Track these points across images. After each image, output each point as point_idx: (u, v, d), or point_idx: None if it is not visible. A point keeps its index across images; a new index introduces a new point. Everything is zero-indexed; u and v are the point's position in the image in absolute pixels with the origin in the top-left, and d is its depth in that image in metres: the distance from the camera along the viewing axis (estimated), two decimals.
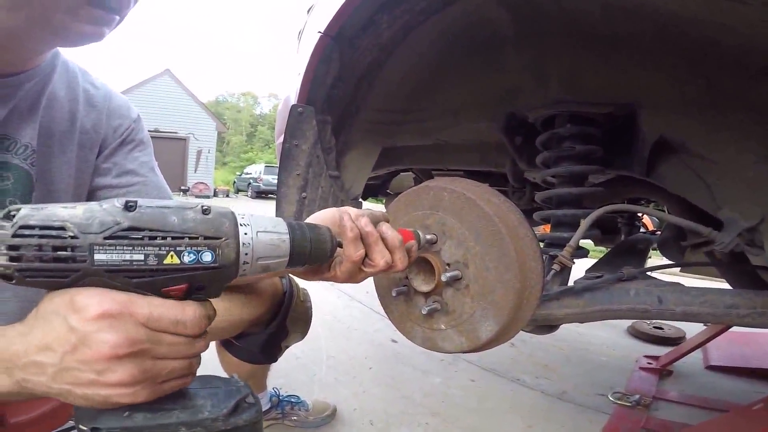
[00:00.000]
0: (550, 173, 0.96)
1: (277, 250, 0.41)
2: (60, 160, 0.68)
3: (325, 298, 2.79)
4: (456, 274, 0.60)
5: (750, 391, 1.77)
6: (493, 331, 0.59)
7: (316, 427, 1.39)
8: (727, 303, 0.72)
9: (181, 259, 0.36)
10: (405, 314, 0.68)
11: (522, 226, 0.61)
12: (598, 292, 0.78)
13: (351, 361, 1.91)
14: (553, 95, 0.96)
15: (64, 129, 0.68)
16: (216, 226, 0.37)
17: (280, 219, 0.43)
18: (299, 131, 1.00)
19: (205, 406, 0.41)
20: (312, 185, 1.01)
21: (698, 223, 0.80)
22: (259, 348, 1.04)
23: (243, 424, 0.42)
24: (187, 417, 0.39)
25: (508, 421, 1.48)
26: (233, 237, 0.38)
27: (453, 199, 0.62)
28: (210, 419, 0.40)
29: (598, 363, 2.08)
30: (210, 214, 0.37)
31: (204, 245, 0.36)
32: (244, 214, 0.40)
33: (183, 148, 17.49)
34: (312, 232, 0.45)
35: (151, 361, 0.37)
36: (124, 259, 0.34)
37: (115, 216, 0.34)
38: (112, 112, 0.75)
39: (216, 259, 0.37)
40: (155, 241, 0.35)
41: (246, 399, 0.44)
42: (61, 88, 0.68)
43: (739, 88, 0.75)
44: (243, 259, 0.39)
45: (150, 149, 0.81)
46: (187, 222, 0.36)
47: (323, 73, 0.99)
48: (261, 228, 0.40)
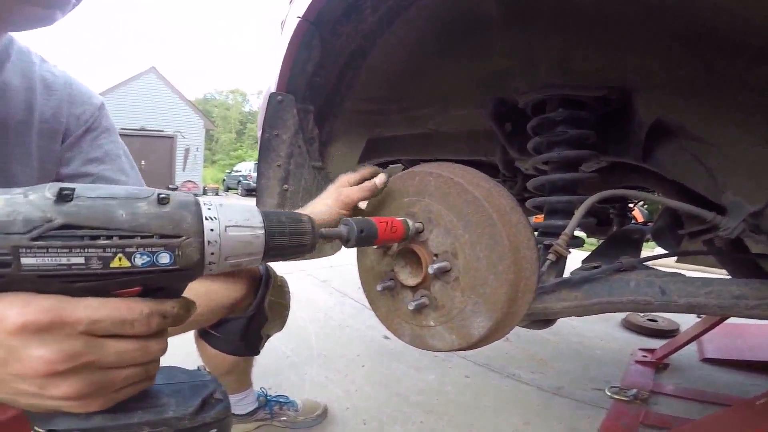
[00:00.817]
0: (543, 159, 0.92)
1: (249, 247, 0.36)
2: (19, 151, 0.65)
3: (316, 296, 2.74)
4: (444, 266, 0.55)
5: (746, 384, 1.77)
6: (485, 327, 0.53)
7: (307, 427, 1.35)
8: (735, 293, 0.68)
9: (132, 261, 0.30)
10: (392, 311, 0.63)
11: (514, 212, 0.56)
12: (596, 283, 0.74)
13: (343, 359, 1.87)
14: (543, 79, 0.92)
15: (20, 119, 0.65)
16: (175, 222, 0.31)
17: (254, 209, 0.37)
18: (279, 121, 0.95)
19: (170, 404, 0.38)
20: (294, 177, 0.96)
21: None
22: (239, 336, 1.02)
23: (210, 421, 0.39)
24: (150, 416, 0.36)
25: (505, 418, 1.46)
26: (196, 235, 0.32)
27: (439, 184, 0.57)
28: (175, 418, 0.37)
29: (593, 356, 2.06)
30: (168, 206, 0.31)
31: (160, 245, 0.30)
32: (211, 204, 0.34)
33: (170, 147, 17.35)
34: (291, 224, 0.39)
35: (100, 372, 0.32)
36: (60, 264, 0.28)
37: (45, 210, 0.28)
38: (74, 99, 0.73)
39: (175, 261, 0.31)
40: (98, 242, 0.29)
41: (214, 395, 0.41)
42: (15, 77, 0.65)
43: (738, 70, 0.71)
44: (209, 260, 0.33)
45: (116, 136, 0.79)
46: (139, 217, 0.30)
47: (304, 60, 0.95)
48: (231, 222, 0.34)
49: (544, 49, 0.89)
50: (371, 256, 0.66)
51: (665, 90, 0.83)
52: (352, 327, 2.26)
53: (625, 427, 1.36)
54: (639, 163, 0.88)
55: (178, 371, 0.43)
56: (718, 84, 0.75)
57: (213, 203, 0.34)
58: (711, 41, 0.70)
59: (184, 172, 17.44)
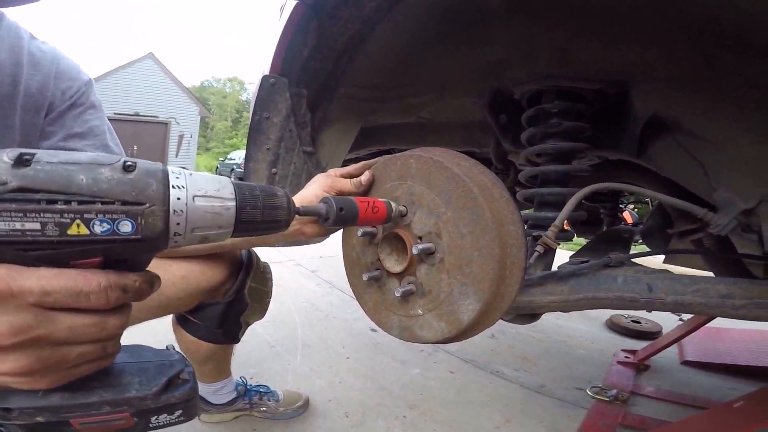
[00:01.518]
0: (536, 150, 0.91)
1: (218, 219, 0.33)
2: (1, 124, 0.65)
3: (303, 285, 2.72)
4: (428, 247, 0.54)
5: (724, 387, 1.79)
6: (474, 309, 0.52)
7: (288, 418, 1.32)
8: (722, 292, 0.68)
9: (90, 229, 0.28)
10: (379, 303, 0.62)
11: (496, 187, 0.55)
12: (583, 278, 0.73)
13: (328, 350, 1.85)
14: (542, 69, 0.91)
15: (4, 92, 0.65)
16: (139, 189, 0.29)
17: (226, 180, 0.35)
18: (271, 103, 0.93)
19: (133, 383, 0.36)
20: (284, 161, 0.94)
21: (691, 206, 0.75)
22: (217, 322, 0.99)
23: (175, 402, 0.38)
24: (111, 395, 0.35)
25: (487, 415, 1.45)
26: (161, 203, 0.30)
27: (420, 165, 0.57)
28: (137, 398, 0.36)
29: (576, 356, 2.07)
30: (133, 173, 0.29)
31: (121, 212, 0.28)
32: (180, 173, 0.32)
33: (164, 133, 17.23)
34: (265, 198, 0.37)
35: (50, 348, 0.30)
36: (14, 228, 0.26)
37: (1, 174, 0.26)
38: (61, 74, 0.73)
39: (138, 230, 0.29)
40: (55, 206, 0.27)
41: (180, 375, 0.39)
42: (2, 52, 0.65)
43: (740, 66, 0.71)
44: (174, 230, 0.31)
45: (102, 113, 0.78)
46: (100, 182, 0.28)
47: (299, 43, 0.93)
48: (199, 191, 0.32)
49: (546, 39, 0.88)
50: (356, 247, 0.65)
51: (664, 84, 0.82)
52: (338, 318, 2.24)
53: (604, 428, 1.36)
54: (633, 158, 0.87)
55: (145, 350, 0.41)
56: (718, 79, 0.74)
57: (183, 172, 0.32)
58: (714, 35, 0.70)
59: (177, 158, 17.33)
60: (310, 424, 1.32)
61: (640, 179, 1.04)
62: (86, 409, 0.34)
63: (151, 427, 0.39)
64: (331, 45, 0.96)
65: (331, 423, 1.33)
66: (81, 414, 0.34)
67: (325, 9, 0.89)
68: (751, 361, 1.93)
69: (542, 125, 0.91)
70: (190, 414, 0.41)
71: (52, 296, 0.29)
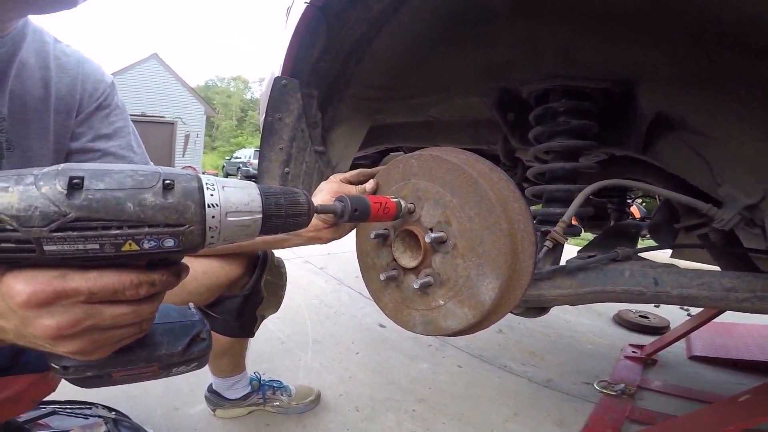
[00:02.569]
0: (544, 148, 0.93)
1: (246, 230, 0.38)
2: (36, 126, 0.68)
3: (313, 282, 2.75)
4: (440, 236, 0.56)
5: (731, 382, 1.79)
6: (495, 288, 0.53)
7: (300, 413, 1.35)
8: (726, 286, 0.69)
9: (140, 246, 0.33)
10: (399, 302, 0.64)
11: (494, 172, 0.58)
12: (591, 272, 0.75)
13: (337, 346, 1.88)
14: (548, 70, 0.92)
15: (37, 96, 0.68)
16: (180, 212, 0.33)
17: (255, 192, 0.38)
18: (283, 104, 0.96)
19: (163, 342, 0.45)
20: (296, 160, 0.96)
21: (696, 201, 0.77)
22: (234, 315, 1.03)
23: (194, 357, 0.47)
24: (145, 353, 0.44)
25: (495, 409, 1.47)
26: (198, 223, 0.34)
27: (421, 163, 0.60)
28: (166, 354, 0.45)
29: (584, 350, 2.08)
30: (172, 195, 0.33)
31: (165, 233, 0.33)
32: (214, 189, 0.35)
33: (170, 132, 17.31)
34: (288, 206, 0.42)
35: (99, 333, 0.37)
36: (78, 249, 0.31)
37: (59, 204, 0.29)
38: (87, 77, 0.75)
39: (179, 244, 0.34)
40: (110, 232, 0.31)
41: (200, 334, 0.48)
42: (31, 56, 0.68)
43: (742, 65, 0.72)
44: (208, 241, 0.36)
45: (126, 114, 0.82)
46: (146, 209, 0.32)
47: (309, 45, 0.95)
48: (232, 207, 0.36)
49: (550, 40, 0.89)
50: (370, 253, 0.67)
51: (668, 83, 0.84)
52: (347, 314, 2.27)
53: (611, 422, 1.37)
54: (639, 155, 0.89)
55: (171, 309, 0.49)
56: (721, 78, 0.75)
57: (216, 186, 0.36)
58: (716, 36, 0.71)
59: (184, 157, 17.41)
60: (322, 418, 1.34)
61: (646, 175, 1.05)
62: (125, 364, 0.43)
63: (171, 375, 0.47)
64: (340, 47, 0.98)
65: (342, 417, 1.36)
66: (120, 368, 0.43)
67: (333, 11, 0.91)
68: (759, 357, 1.93)
69: (550, 123, 0.93)
70: (202, 365, 0.49)
71: (96, 295, 0.35)
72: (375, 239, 0.64)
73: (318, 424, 1.31)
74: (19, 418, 0.98)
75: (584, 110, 0.92)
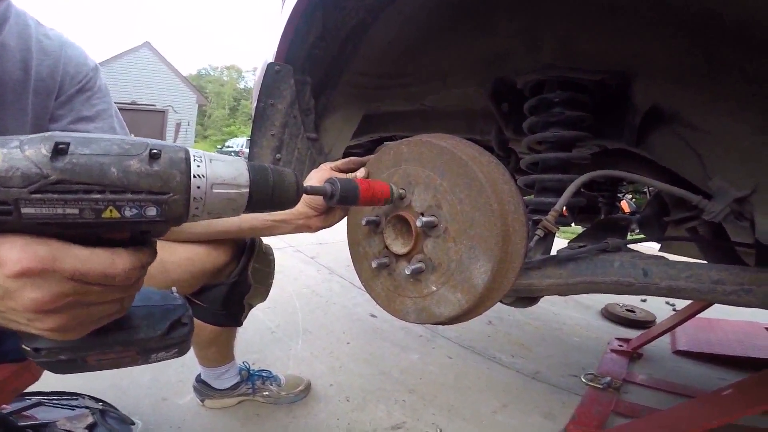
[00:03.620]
0: (537, 138, 0.93)
1: (232, 204, 0.37)
2: (14, 108, 0.68)
3: (303, 271, 2.74)
4: (431, 220, 0.56)
5: (713, 377, 1.83)
6: (487, 271, 0.52)
7: (290, 403, 1.35)
8: (714, 278, 0.70)
9: (122, 213, 0.32)
10: (392, 291, 0.63)
11: (484, 155, 0.58)
12: (581, 262, 0.75)
13: (328, 336, 1.88)
14: (545, 60, 0.92)
15: (17, 78, 0.68)
16: (164, 180, 0.32)
17: (242, 166, 0.38)
18: (275, 90, 0.94)
19: (141, 326, 0.43)
20: (288, 147, 0.95)
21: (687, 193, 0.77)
22: (221, 304, 1.01)
23: (174, 343, 0.45)
24: (122, 337, 0.42)
25: (484, 400, 1.49)
26: (183, 192, 0.33)
27: (411, 148, 0.60)
28: (144, 339, 0.43)
29: (571, 343, 2.11)
30: (158, 164, 0.32)
31: (148, 201, 0.32)
32: (201, 161, 0.35)
33: (161, 121, 17.18)
34: (276, 183, 0.41)
35: (80, 309, 0.36)
36: (56, 213, 0.30)
37: (42, 167, 0.29)
38: (70, 60, 0.75)
39: (161, 214, 0.33)
40: (91, 196, 0.30)
41: (181, 319, 0.46)
42: (12, 38, 0.68)
43: (739, 61, 0.72)
44: (192, 213, 0.35)
45: (109, 98, 0.81)
46: (130, 175, 0.31)
47: (304, 31, 0.94)
48: (218, 179, 0.36)
49: (549, 31, 0.89)
50: (362, 242, 0.66)
51: (664, 77, 0.84)
52: (338, 304, 2.27)
53: (597, 414, 1.39)
54: (632, 147, 0.89)
55: (152, 292, 0.47)
56: (717, 73, 0.76)
57: (204, 159, 0.35)
58: (715, 31, 0.71)
59: None
60: (312, 408, 1.34)
61: (637, 169, 1.06)
62: (101, 348, 0.41)
63: (150, 361, 0.45)
64: (336, 33, 0.97)
65: (332, 407, 1.36)
66: (96, 352, 0.41)
67: None
68: (741, 352, 1.96)
69: (544, 114, 0.93)
70: (183, 351, 0.48)
71: (86, 276, 0.34)
72: (366, 226, 0.64)
73: (308, 414, 1.31)
74: (3, 410, 0.96)
75: (579, 102, 0.92)
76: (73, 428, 1.00)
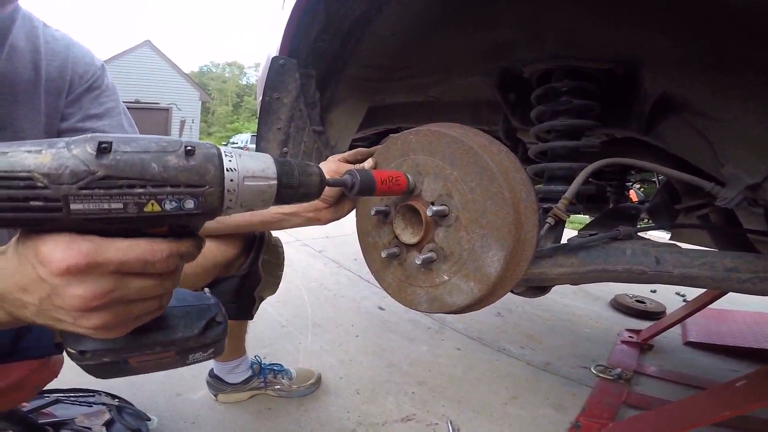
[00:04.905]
0: (546, 127, 0.92)
1: (262, 195, 0.39)
2: (27, 107, 0.70)
3: (311, 265, 2.75)
4: (442, 209, 0.55)
5: (725, 369, 1.81)
6: (500, 259, 0.52)
7: (301, 396, 1.36)
8: (728, 266, 0.69)
9: (162, 206, 0.34)
10: (402, 281, 0.62)
11: (494, 144, 0.57)
12: (593, 250, 0.74)
13: (337, 329, 1.89)
14: (550, 51, 0.91)
15: (28, 78, 0.69)
16: (200, 173, 0.34)
17: (270, 160, 0.40)
18: (281, 84, 0.94)
19: (179, 326, 0.45)
20: (294, 140, 0.95)
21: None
22: (233, 296, 1.02)
23: (210, 342, 0.46)
24: (162, 337, 0.43)
25: (494, 392, 1.49)
26: (218, 185, 0.35)
27: (420, 138, 0.60)
28: (183, 338, 0.44)
29: (581, 334, 2.10)
30: (194, 159, 0.34)
31: (186, 194, 0.34)
32: (231, 156, 0.37)
33: (165, 119, 17.28)
34: (301, 176, 0.43)
35: (123, 306, 0.37)
36: (102, 208, 0.32)
37: (89, 164, 0.31)
38: (77, 60, 0.77)
39: (199, 206, 0.35)
40: (134, 190, 0.32)
41: (216, 318, 0.47)
42: (21, 39, 0.69)
43: (747, 51, 0.71)
44: (227, 205, 0.37)
45: (116, 96, 0.83)
46: (169, 170, 0.33)
47: (307, 24, 0.94)
48: (248, 173, 0.38)
49: (552, 21, 0.88)
50: (371, 232, 0.66)
51: (672, 66, 0.82)
52: (347, 297, 2.28)
53: (608, 406, 1.39)
54: (641, 136, 0.88)
55: (186, 293, 0.49)
56: (725, 63, 0.74)
57: (233, 154, 0.37)
58: (722, 21, 0.70)
59: None
60: (323, 401, 1.35)
61: (646, 158, 1.04)
62: (143, 348, 0.42)
63: (188, 362, 0.47)
64: (339, 26, 0.96)
65: (343, 400, 1.37)
66: (138, 354, 0.42)
67: None
68: (753, 343, 1.94)
69: (552, 103, 0.92)
70: (219, 351, 0.49)
71: (127, 266, 0.35)
72: (375, 216, 0.63)
73: (319, 408, 1.32)
74: (23, 407, 0.98)
75: (587, 90, 0.91)
76: (91, 425, 1.02)
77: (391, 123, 1.33)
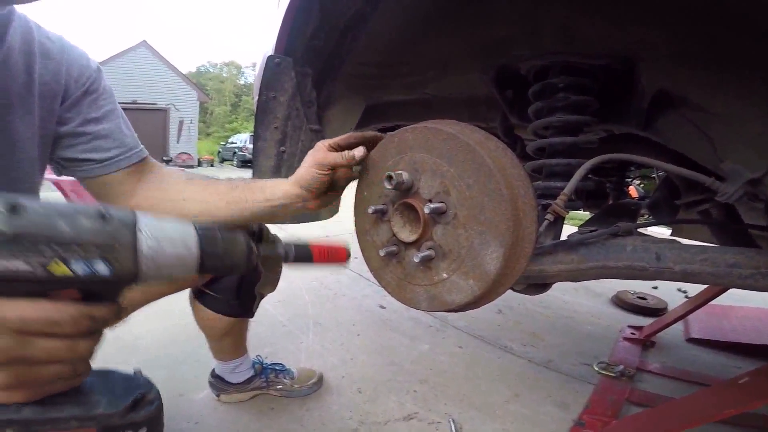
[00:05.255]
0: (543, 123, 0.92)
1: (182, 262, 0.38)
2: (20, 110, 0.69)
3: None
4: (440, 206, 0.55)
5: (728, 365, 1.81)
6: (499, 256, 0.52)
7: (303, 395, 1.36)
8: (729, 262, 0.68)
9: (70, 268, 0.32)
10: (402, 278, 0.62)
11: (490, 140, 0.57)
12: (593, 247, 0.74)
13: (338, 328, 1.89)
14: (547, 47, 0.91)
15: (21, 82, 0.68)
16: (112, 236, 0.34)
17: (191, 228, 0.39)
18: (277, 83, 0.94)
19: (101, 401, 0.40)
20: (291, 139, 0.95)
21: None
22: (233, 293, 1.03)
23: (140, 420, 0.41)
24: (79, 411, 0.38)
25: (496, 389, 1.49)
26: (130, 248, 0.35)
27: (416, 135, 0.59)
28: (104, 415, 0.39)
29: (583, 332, 2.10)
30: (107, 222, 0.34)
31: (96, 255, 0.33)
32: (148, 222, 0.36)
33: (164, 119, 17.25)
34: (226, 244, 0.42)
35: (26, 367, 0.35)
36: (7, 268, 0.31)
37: None
38: (72, 63, 0.76)
39: (111, 271, 0.34)
40: (38, 247, 0.31)
41: (147, 396, 0.43)
42: (16, 42, 0.68)
43: (744, 47, 0.70)
44: (143, 270, 0.36)
45: (114, 98, 0.83)
46: (80, 231, 0.33)
47: (302, 23, 0.93)
48: (167, 238, 0.37)
49: (549, 17, 0.87)
50: (370, 231, 0.66)
51: (669, 61, 0.82)
52: (347, 296, 2.28)
53: (611, 403, 1.38)
54: (639, 132, 0.87)
55: (116, 374, 0.45)
56: (723, 58, 0.74)
57: (151, 222, 0.37)
58: (718, 16, 0.69)
59: (179, 144, 17.42)
60: (325, 400, 1.36)
61: (644, 153, 1.04)
62: (55, 424, 0.37)
63: None
64: (334, 24, 0.96)
65: (345, 399, 1.37)
66: (50, 428, 0.37)
67: None
68: (756, 340, 1.93)
69: (549, 99, 0.91)
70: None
71: (30, 325, 0.33)
72: (373, 214, 0.63)
73: (321, 407, 1.32)
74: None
75: (584, 86, 0.91)
76: None
77: (389, 121, 1.33)
